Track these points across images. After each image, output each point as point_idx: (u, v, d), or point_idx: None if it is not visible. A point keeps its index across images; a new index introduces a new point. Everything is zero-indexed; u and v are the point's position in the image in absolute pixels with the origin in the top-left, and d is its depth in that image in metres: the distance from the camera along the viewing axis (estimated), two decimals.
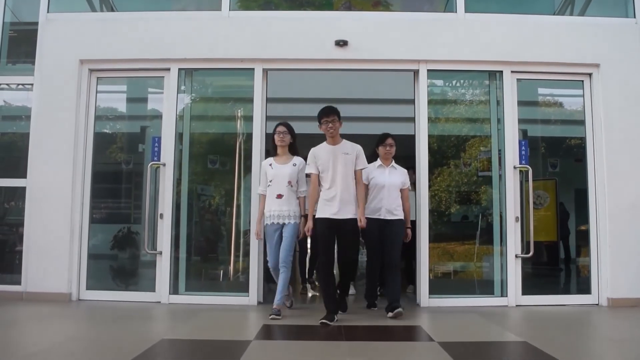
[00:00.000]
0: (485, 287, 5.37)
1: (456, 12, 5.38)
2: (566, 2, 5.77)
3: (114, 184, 5.95)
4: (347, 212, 4.14)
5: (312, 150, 4.26)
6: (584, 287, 5.28)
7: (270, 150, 4.67)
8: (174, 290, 5.10)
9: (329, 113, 4.19)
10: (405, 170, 4.77)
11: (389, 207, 4.52)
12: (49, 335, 3.65)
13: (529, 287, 5.09)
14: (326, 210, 4.16)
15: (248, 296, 5.00)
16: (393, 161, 4.74)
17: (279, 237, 4.42)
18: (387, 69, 5.32)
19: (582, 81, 5.36)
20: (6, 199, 5.86)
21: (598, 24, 5.35)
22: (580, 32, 5.29)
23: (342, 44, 5.15)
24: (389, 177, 4.60)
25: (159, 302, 5.00)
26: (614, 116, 5.18)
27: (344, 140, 4.28)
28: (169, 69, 5.30)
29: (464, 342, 3.44)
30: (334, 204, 4.13)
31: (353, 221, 4.13)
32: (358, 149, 4.25)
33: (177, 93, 5.29)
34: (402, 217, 4.59)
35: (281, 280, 4.34)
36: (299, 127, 4.69)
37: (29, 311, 4.49)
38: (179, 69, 5.30)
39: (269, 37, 5.26)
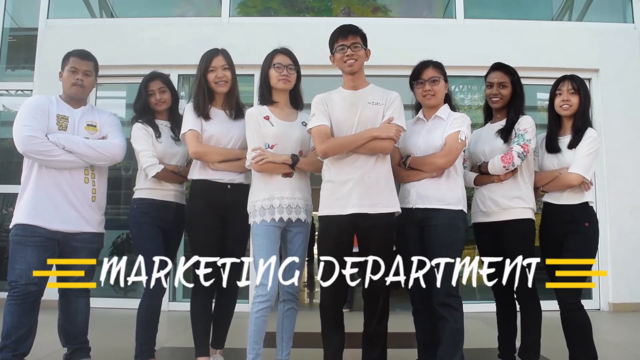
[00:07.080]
0: (487, 292, 5.33)
1: (455, 18, 5.41)
2: (564, 7, 5.80)
3: (113, 190, 5.90)
4: (375, 203, 2.52)
5: (318, 96, 2.74)
6: (586, 292, 5.27)
7: (263, 95, 2.96)
8: (173, 297, 5.07)
9: (346, 33, 2.60)
10: (464, 120, 2.79)
11: (422, 191, 2.69)
12: (45, 344, 3.60)
13: None
14: (336, 200, 2.53)
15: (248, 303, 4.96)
16: (442, 108, 2.83)
17: (278, 244, 2.75)
18: (388, 74, 5.31)
19: None
20: (5, 205, 5.83)
21: (597, 29, 5.38)
22: (579, 38, 5.32)
23: None
24: (427, 136, 2.79)
25: None
26: (613, 120, 5.20)
27: (372, 84, 2.73)
28: (168, 75, 5.29)
29: (466, 348, 3.42)
30: (352, 190, 2.51)
31: (385, 219, 2.55)
32: (393, 96, 2.66)
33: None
34: (457, 207, 2.75)
35: (287, 325, 2.87)
36: None
37: None
38: (179, 75, 5.31)
39: (269, 43, 5.26)
